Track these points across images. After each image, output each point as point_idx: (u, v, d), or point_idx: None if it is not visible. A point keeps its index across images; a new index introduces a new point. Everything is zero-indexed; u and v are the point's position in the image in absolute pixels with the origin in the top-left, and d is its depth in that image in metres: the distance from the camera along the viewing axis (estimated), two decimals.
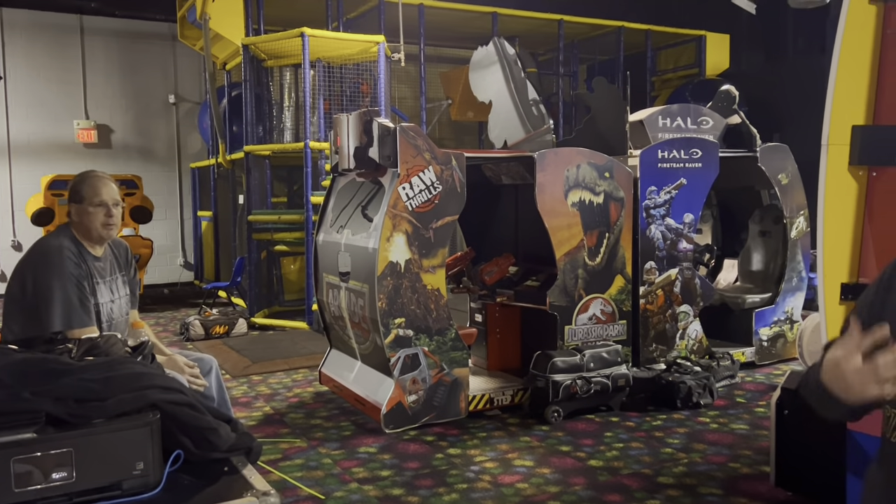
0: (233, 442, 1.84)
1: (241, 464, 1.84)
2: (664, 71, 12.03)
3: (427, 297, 4.72)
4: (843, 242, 2.35)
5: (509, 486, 3.82)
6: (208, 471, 1.80)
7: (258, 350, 7.08)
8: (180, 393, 1.81)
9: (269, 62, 8.62)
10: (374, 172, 4.86)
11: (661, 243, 5.52)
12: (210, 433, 1.80)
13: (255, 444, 1.93)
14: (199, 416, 1.79)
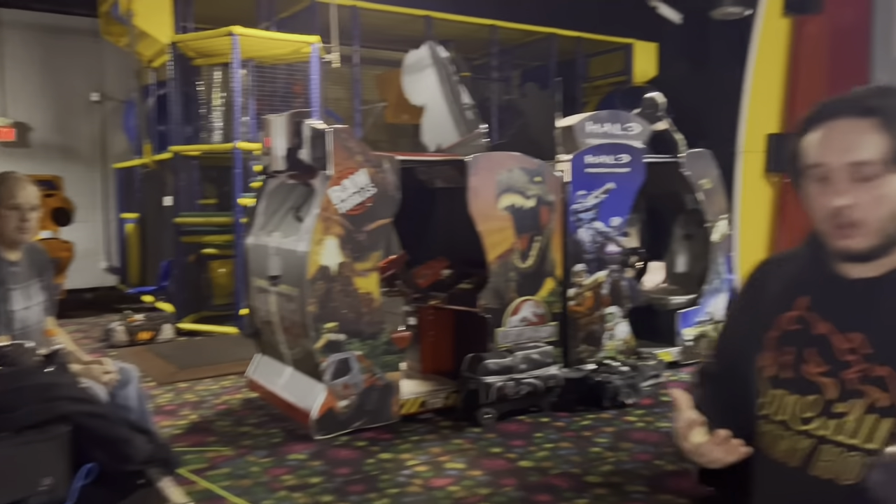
0: (149, 453, 1.78)
1: (157, 476, 1.78)
2: (595, 78, 12.27)
3: (359, 300, 4.68)
4: (757, 246, 2.44)
5: (440, 490, 3.82)
6: (123, 484, 1.74)
7: (185, 356, 6.88)
8: (93, 404, 1.74)
9: (198, 61, 8.41)
10: (305, 175, 4.80)
11: (589, 246, 5.63)
12: (124, 445, 1.73)
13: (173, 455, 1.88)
14: (113, 427, 1.72)
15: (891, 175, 1.13)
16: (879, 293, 1.18)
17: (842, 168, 1.15)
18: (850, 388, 1.18)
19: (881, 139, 1.13)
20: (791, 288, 1.30)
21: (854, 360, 1.18)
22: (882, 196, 1.13)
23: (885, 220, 1.14)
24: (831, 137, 1.17)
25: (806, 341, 1.24)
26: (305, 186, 4.97)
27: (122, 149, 11.58)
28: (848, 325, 1.20)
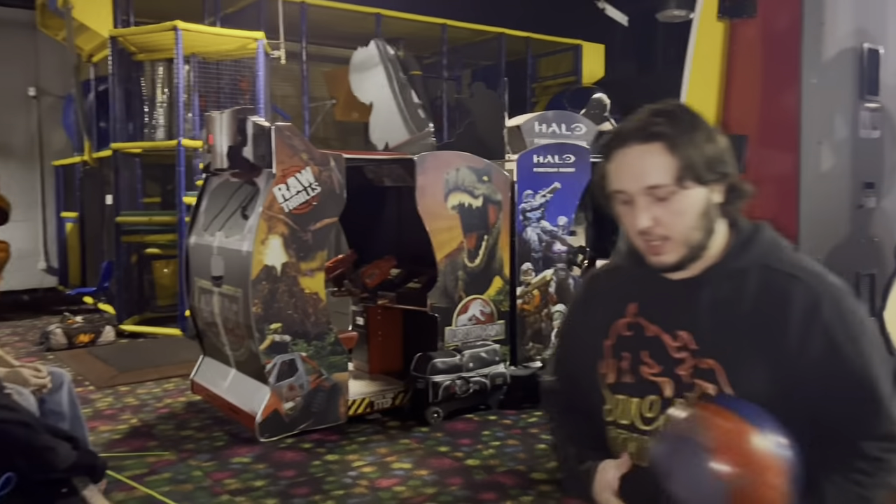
0: (73, 461, 1.71)
1: (81, 484, 1.72)
2: (544, 78, 12.39)
3: (305, 301, 4.62)
4: None
5: (386, 490, 3.79)
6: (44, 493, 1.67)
7: (127, 359, 6.70)
8: (13, 410, 1.66)
9: (140, 56, 8.20)
10: (249, 173, 4.71)
11: (537, 245, 5.66)
12: (47, 453, 1.67)
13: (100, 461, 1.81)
14: (35, 434, 1.65)
15: (683, 191, 1.21)
16: (698, 292, 1.26)
17: (639, 192, 1.22)
18: (683, 383, 1.25)
19: (669, 161, 1.21)
20: (621, 296, 1.37)
21: (684, 357, 1.25)
22: (679, 212, 1.22)
23: (687, 232, 1.23)
24: (626, 165, 1.24)
25: (640, 345, 1.31)
26: (250, 185, 4.88)
27: (62, 146, 11.21)
28: (674, 324, 1.28)
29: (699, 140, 1.22)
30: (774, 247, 1.29)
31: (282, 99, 10.68)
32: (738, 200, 1.29)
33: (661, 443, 1.19)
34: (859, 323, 1.22)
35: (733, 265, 1.27)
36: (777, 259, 1.26)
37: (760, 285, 1.23)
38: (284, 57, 8.38)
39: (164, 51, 7.84)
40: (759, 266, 1.25)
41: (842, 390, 1.17)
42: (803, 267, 1.25)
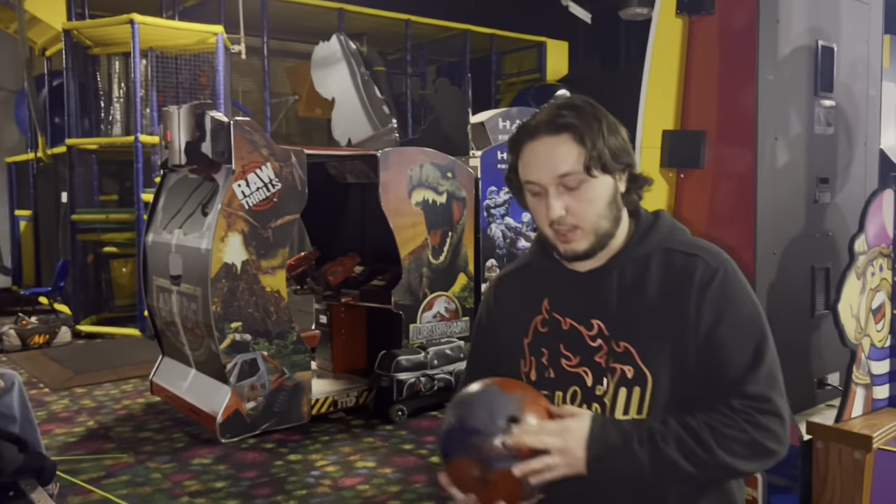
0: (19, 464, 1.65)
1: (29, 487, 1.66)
2: (509, 75, 12.41)
3: (266, 299, 4.56)
4: None
5: (350, 489, 3.76)
6: None
7: (83, 360, 6.54)
8: None
9: (96, 50, 8.01)
10: (208, 169, 4.63)
11: (501, 242, 5.67)
12: None
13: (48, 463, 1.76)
14: None
15: (591, 180, 1.26)
16: (605, 280, 1.31)
17: (551, 181, 1.26)
18: (602, 369, 1.29)
19: (578, 150, 1.25)
20: (534, 293, 1.40)
21: (600, 344, 1.30)
22: (589, 200, 1.26)
23: (596, 220, 1.27)
24: (537, 156, 1.28)
25: (557, 339, 1.34)
26: (210, 181, 4.80)
27: (14, 142, 10.91)
28: (587, 314, 1.32)
29: (604, 131, 1.27)
30: (673, 231, 1.35)
31: (243, 95, 10.53)
32: (639, 190, 1.34)
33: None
34: (746, 294, 1.29)
35: (636, 251, 1.32)
36: (676, 241, 1.32)
37: (662, 266, 1.30)
38: (245, 52, 8.25)
39: (120, 45, 7.66)
40: (661, 250, 1.31)
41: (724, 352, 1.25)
42: (700, 246, 1.32)
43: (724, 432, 1.20)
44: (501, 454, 1.16)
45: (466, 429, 1.19)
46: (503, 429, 1.17)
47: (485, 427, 1.17)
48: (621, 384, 1.28)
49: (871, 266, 2.41)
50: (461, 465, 1.19)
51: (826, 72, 2.63)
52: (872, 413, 2.42)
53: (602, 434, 1.19)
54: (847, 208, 2.73)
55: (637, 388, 1.27)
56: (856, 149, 2.81)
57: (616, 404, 1.28)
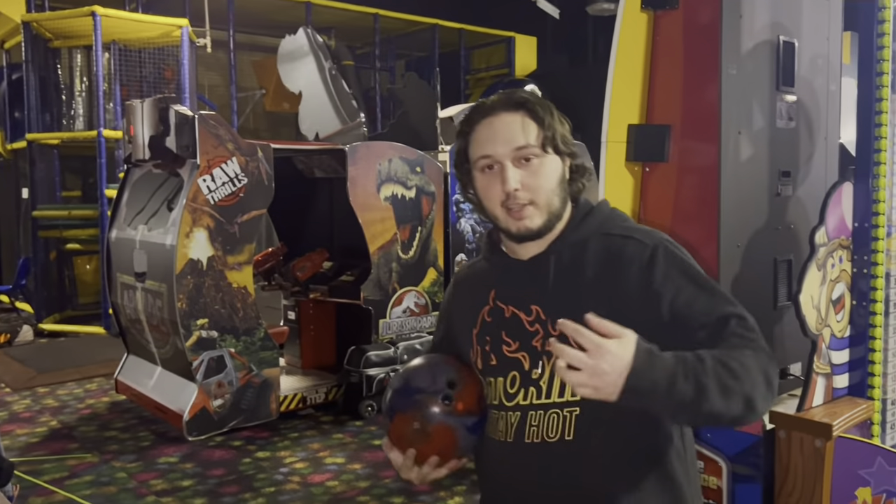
0: None
1: None
2: (477, 70, 12.41)
3: (233, 295, 4.51)
4: None
5: (319, 486, 3.74)
6: None
7: (46, 359, 6.41)
8: None
9: (57, 42, 7.83)
10: (172, 164, 4.56)
11: (470, 236, 5.67)
12: None
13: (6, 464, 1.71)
14: None
15: (546, 156, 1.31)
16: (544, 265, 1.35)
17: (507, 155, 1.30)
18: (537, 353, 1.32)
19: (534, 126, 1.31)
20: (483, 286, 1.43)
21: (536, 329, 1.33)
22: (543, 175, 1.31)
23: (549, 197, 1.32)
24: (494, 130, 1.32)
25: (500, 327, 1.37)
26: (174, 176, 4.72)
27: None
28: (527, 301, 1.35)
29: (555, 115, 1.35)
30: (611, 217, 1.40)
31: (209, 89, 10.39)
32: (581, 179, 1.40)
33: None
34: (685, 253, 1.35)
35: (573, 236, 1.36)
36: (613, 226, 1.37)
37: (599, 250, 1.33)
38: (211, 45, 8.13)
39: (81, 37, 7.51)
40: (598, 234, 1.35)
41: (699, 305, 1.27)
42: (636, 229, 1.37)
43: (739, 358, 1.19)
44: (441, 409, 1.31)
45: (411, 388, 1.34)
46: (443, 389, 1.32)
47: (427, 386, 1.33)
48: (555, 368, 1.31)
49: (830, 258, 2.46)
50: (404, 420, 1.33)
51: (787, 67, 2.67)
52: (833, 402, 2.47)
53: (647, 367, 1.12)
54: (808, 201, 2.78)
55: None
56: (817, 143, 2.85)
57: (552, 387, 1.30)
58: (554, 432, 1.29)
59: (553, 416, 1.30)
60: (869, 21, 2.41)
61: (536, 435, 1.31)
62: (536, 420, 1.31)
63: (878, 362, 2.48)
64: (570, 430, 1.29)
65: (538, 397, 1.31)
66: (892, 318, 2.50)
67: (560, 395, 1.29)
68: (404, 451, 1.32)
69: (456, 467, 1.37)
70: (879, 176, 2.44)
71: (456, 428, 1.33)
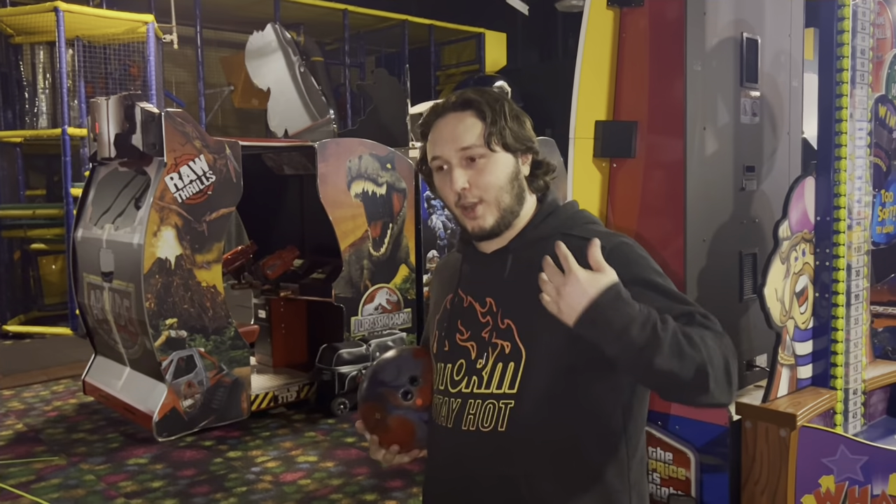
0: None
1: None
2: (448, 66, 12.41)
3: (202, 294, 4.46)
4: None
5: (291, 484, 3.72)
6: None
7: (10, 361, 6.29)
8: None
9: (18, 38, 7.68)
10: (139, 162, 4.49)
11: (442, 233, 5.68)
12: None
13: None
14: None
15: (492, 154, 1.32)
16: (503, 260, 1.37)
17: (454, 155, 1.32)
18: (485, 344, 1.35)
19: (479, 125, 1.32)
20: (451, 275, 1.48)
21: (487, 321, 1.36)
22: (490, 173, 1.32)
23: (497, 194, 1.33)
24: (442, 131, 1.35)
25: (456, 315, 1.41)
26: (141, 175, 4.66)
27: None
28: (484, 292, 1.38)
29: (506, 112, 1.35)
30: (573, 218, 1.41)
31: (176, 85, 10.26)
32: (544, 175, 1.40)
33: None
34: (642, 258, 1.34)
35: (533, 233, 1.37)
36: (574, 226, 1.37)
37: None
38: (177, 41, 8.02)
39: (44, 33, 7.36)
40: (558, 234, 1.33)
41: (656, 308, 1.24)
42: (597, 231, 1.36)
43: (701, 333, 1.20)
44: (401, 404, 1.41)
45: (377, 380, 1.44)
46: (404, 384, 1.42)
47: (391, 380, 1.43)
48: (499, 359, 1.32)
49: (794, 251, 2.50)
50: (368, 408, 1.43)
51: (751, 63, 2.71)
52: (797, 392, 2.52)
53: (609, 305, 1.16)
54: (772, 195, 2.82)
55: (511, 363, 1.31)
56: (780, 138, 2.91)
57: (493, 378, 1.32)
58: (489, 422, 1.31)
59: (490, 406, 1.32)
60: (829, 17, 2.46)
61: (472, 423, 1.33)
62: (475, 409, 1.33)
63: (840, 353, 2.53)
64: (503, 421, 1.30)
65: (479, 386, 1.33)
66: (853, 310, 2.55)
67: (498, 387, 1.31)
68: (371, 434, 1.42)
69: (418, 455, 1.45)
70: (840, 170, 2.49)
71: (414, 421, 1.42)
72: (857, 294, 2.56)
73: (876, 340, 2.98)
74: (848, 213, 2.49)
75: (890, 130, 2.82)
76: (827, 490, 2.30)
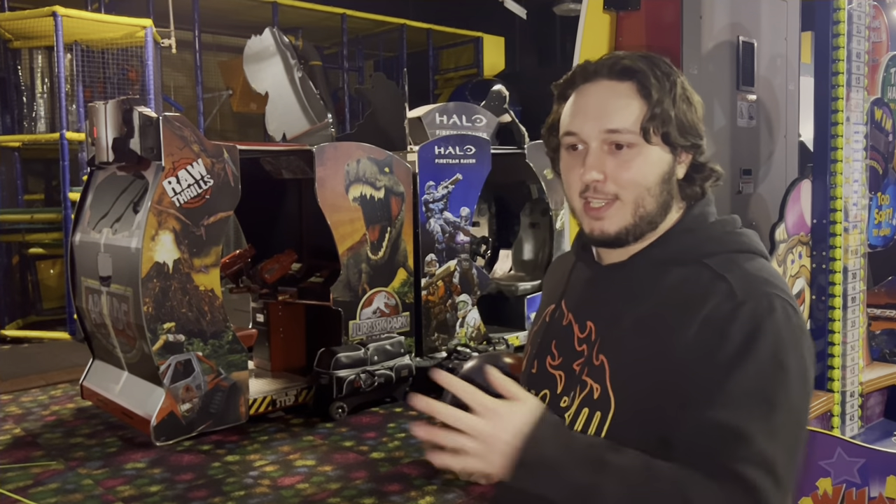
0: None
1: None
2: (446, 70, 12.42)
3: (200, 298, 4.46)
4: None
5: (289, 489, 3.72)
6: None
7: (8, 366, 6.28)
8: None
9: (17, 43, 7.67)
10: (137, 166, 4.50)
11: (440, 236, 5.68)
12: None
13: None
14: None
15: (646, 146, 1.02)
16: (617, 278, 1.08)
17: (596, 136, 1.02)
18: (573, 379, 1.08)
19: (639, 105, 1.02)
20: (559, 282, 1.21)
21: (583, 350, 1.08)
22: (637, 168, 1.02)
23: (641, 194, 1.03)
24: (587, 102, 1.04)
25: (553, 333, 1.15)
26: (139, 179, 4.66)
27: None
28: (587, 313, 1.10)
29: (676, 92, 1.03)
30: (720, 241, 1.06)
31: (175, 90, 10.27)
32: (703, 182, 1.09)
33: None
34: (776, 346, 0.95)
35: (662, 253, 1.06)
36: (715, 253, 1.04)
37: (684, 280, 1.02)
38: (176, 46, 8.03)
39: (42, 38, 7.36)
40: (693, 260, 1.03)
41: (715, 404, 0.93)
42: (740, 268, 1.01)
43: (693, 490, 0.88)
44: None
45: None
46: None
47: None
48: (585, 403, 1.05)
49: (790, 253, 2.51)
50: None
51: (747, 67, 2.73)
52: None
53: (544, 435, 0.90)
54: (769, 198, 2.83)
55: (598, 414, 1.02)
56: (777, 141, 2.92)
57: (575, 424, 1.04)
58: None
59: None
60: (824, 21, 2.47)
61: None
62: None
63: (837, 355, 2.54)
64: None
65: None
66: (850, 313, 2.56)
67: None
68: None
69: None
70: (836, 173, 2.50)
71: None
72: (854, 297, 2.57)
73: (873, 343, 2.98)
74: (844, 215, 2.50)
75: (886, 133, 2.83)
76: (824, 493, 2.30)
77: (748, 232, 1.09)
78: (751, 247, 1.06)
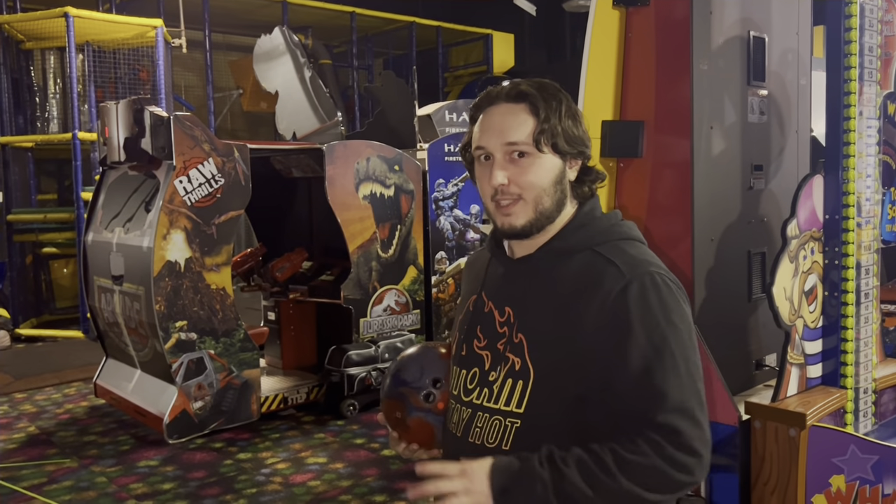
0: None
1: None
2: (455, 67, 12.42)
3: (212, 297, 4.48)
4: None
5: (301, 486, 3.73)
6: None
7: (23, 365, 6.34)
8: None
9: (29, 44, 7.73)
10: (148, 165, 4.52)
11: (450, 234, 5.68)
12: None
13: None
14: None
15: (539, 154, 1.25)
16: (527, 268, 1.30)
17: (499, 148, 1.25)
18: (498, 356, 1.29)
19: (530, 121, 1.25)
20: (477, 275, 1.42)
21: (504, 332, 1.30)
22: (533, 173, 1.25)
23: (538, 195, 1.26)
24: (490, 122, 1.28)
25: (477, 320, 1.36)
26: (151, 178, 4.69)
27: None
28: (504, 300, 1.32)
29: (562, 111, 1.27)
30: (608, 233, 1.30)
31: (185, 89, 10.31)
32: (591, 183, 1.33)
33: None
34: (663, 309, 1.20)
35: (561, 245, 1.29)
36: (604, 242, 1.28)
37: (582, 266, 1.26)
38: (186, 45, 8.07)
39: (54, 39, 7.42)
40: (587, 249, 1.27)
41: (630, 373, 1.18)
42: (624, 253, 1.26)
43: (627, 458, 1.14)
44: (421, 406, 1.37)
45: (399, 378, 1.40)
46: (427, 386, 1.37)
47: (413, 381, 1.38)
48: (509, 375, 1.27)
49: (802, 250, 2.49)
50: (389, 406, 1.40)
51: (758, 62, 2.70)
52: (807, 391, 2.50)
53: (502, 463, 1.17)
54: (780, 194, 2.81)
55: (520, 382, 1.25)
56: (788, 136, 2.89)
57: (502, 394, 1.27)
58: (493, 438, 1.27)
59: (496, 423, 1.28)
60: (836, 15, 2.44)
61: (479, 437, 1.29)
62: (482, 422, 1.29)
63: (850, 352, 2.52)
64: (507, 440, 1.26)
65: (489, 399, 1.29)
66: (863, 308, 2.54)
67: (506, 404, 1.27)
68: (391, 430, 1.40)
69: (437, 455, 1.40)
70: (849, 168, 2.47)
71: (434, 424, 1.39)
72: (867, 293, 2.55)
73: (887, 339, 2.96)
74: (857, 211, 2.48)
75: None
76: (837, 490, 2.29)
77: (628, 223, 1.34)
78: (631, 235, 1.32)
